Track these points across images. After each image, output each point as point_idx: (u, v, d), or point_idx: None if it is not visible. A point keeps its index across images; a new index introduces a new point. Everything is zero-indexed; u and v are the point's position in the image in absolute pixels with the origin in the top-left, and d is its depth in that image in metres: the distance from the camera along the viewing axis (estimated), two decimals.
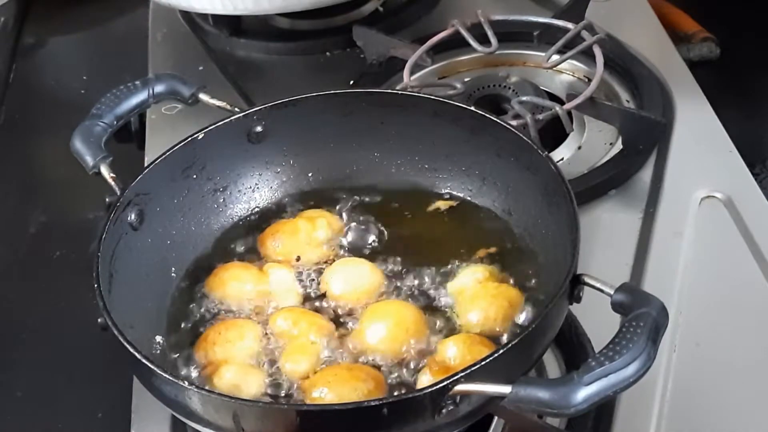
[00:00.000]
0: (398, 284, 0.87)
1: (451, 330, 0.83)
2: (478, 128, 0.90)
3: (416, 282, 0.87)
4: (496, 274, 0.86)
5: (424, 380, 0.77)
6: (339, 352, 0.82)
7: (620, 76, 1.16)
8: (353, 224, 0.92)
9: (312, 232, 0.90)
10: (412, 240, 0.91)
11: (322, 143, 0.95)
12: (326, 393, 0.77)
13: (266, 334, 0.83)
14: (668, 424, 0.83)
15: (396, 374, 0.79)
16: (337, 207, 0.94)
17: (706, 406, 0.84)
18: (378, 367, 0.80)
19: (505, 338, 0.81)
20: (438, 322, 0.83)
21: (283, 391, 0.79)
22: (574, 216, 0.78)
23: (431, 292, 0.86)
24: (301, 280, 0.88)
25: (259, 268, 0.89)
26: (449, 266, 0.87)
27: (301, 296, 0.87)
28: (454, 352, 0.78)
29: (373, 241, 0.91)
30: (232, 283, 0.87)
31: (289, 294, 0.87)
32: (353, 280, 0.86)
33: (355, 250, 0.91)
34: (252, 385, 0.79)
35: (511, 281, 0.85)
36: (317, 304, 0.86)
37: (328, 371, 0.79)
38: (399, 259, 0.89)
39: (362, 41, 1.25)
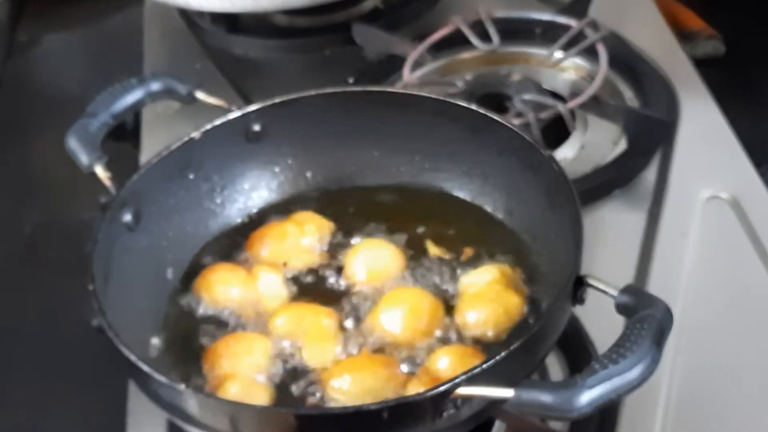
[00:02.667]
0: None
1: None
2: (480, 127, 0.89)
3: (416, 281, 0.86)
4: (508, 275, 0.84)
5: (413, 391, 0.75)
6: (352, 338, 0.81)
7: (624, 74, 1.15)
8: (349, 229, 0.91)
9: (300, 237, 0.89)
10: (413, 240, 0.89)
11: (321, 143, 0.94)
12: (348, 382, 0.76)
13: (272, 338, 0.82)
14: (673, 428, 0.82)
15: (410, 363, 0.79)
16: (336, 208, 0.93)
17: (711, 410, 0.84)
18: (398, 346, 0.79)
19: (497, 345, 0.80)
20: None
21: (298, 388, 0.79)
22: (577, 216, 0.77)
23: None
24: (289, 281, 0.87)
25: (248, 270, 0.87)
26: (451, 267, 0.86)
27: (288, 300, 0.86)
28: (445, 364, 0.77)
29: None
30: (218, 286, 0.86)
31: (276, 298, 0.86)
32: (375, 260, 0.86)
33: None
34: (256, 401, 0.77)
35: (522, 283, 0.84)
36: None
37: (347, 361, 0.79)
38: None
39: (362, 39, 1.24)
